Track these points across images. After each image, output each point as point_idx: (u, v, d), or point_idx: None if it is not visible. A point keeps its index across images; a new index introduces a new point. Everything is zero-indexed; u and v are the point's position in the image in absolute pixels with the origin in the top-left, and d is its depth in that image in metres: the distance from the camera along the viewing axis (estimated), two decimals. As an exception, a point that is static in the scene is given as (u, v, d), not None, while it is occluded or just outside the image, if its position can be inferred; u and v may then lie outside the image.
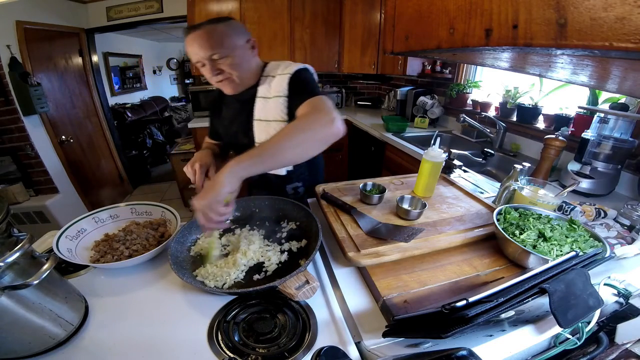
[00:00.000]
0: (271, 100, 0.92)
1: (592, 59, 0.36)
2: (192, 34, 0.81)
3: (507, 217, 0.76)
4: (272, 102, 0.91)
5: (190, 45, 0.82)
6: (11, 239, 0.52)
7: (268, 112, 0.92)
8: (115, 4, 2.82)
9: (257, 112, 0.94)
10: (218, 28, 0.82)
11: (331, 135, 0.71)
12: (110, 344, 0.54)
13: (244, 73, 0.90)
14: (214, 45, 0.81)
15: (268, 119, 0.92)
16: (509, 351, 0.50)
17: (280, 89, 0.90)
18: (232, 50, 0.84)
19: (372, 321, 0.57)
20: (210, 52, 0.81)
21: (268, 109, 0.92)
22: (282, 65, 0.94)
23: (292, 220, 0.88)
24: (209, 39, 0.80)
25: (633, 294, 0.60)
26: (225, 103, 1.05)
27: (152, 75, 5.27)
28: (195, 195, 0.64)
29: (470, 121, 1.85)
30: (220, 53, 0.82)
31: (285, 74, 0.90)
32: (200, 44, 0.80)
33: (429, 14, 0.52)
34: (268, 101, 0.92)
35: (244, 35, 0.88)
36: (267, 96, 0.93)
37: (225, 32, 0.83)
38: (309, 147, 0.70)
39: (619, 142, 1.13)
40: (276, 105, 0.90)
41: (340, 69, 3.00)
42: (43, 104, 2.29)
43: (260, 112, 0.94)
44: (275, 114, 0.91)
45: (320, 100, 0.79)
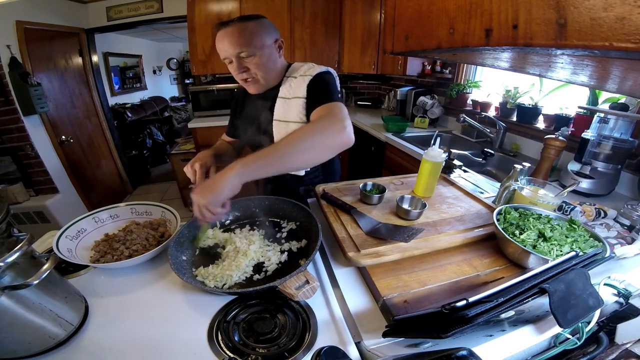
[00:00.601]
0: (291, 101, 0.92)
1: (592, 59, 0.36)
2: (222, 30, 0.81)
3: (507, 217, 0.76)
4: (291, 103, 0.92)
5: (220, 42, 0.82)
6: (11, 239, 0.52)
7: (287, 113, 0.93)
8: (115, 4, 2.82)
9: (277, 112, 0.95)
10: (249, 26, 0.82)
11: (340, 144, 0.71)
12: (110, 344, 0.54)
13: (269, 73, 0.91)
14: (243, 42, 0.81)
15: (287, 119, 0.93)
16: (509, 351, 0.50)
17: (300, 91, 0.90)
18: (260, 49, 0.84)
19: (372, 321, 0.57)
20: (239, 50, 0.82)
21: (287, 110, 0.93)
22: (305, 66, 0.94)
23: (292, 220, 0.88)
24: (239, 36, 0.81)
25: (633, 294, 0.59)
26: (247, 101, 1.05)
27: (152, 75, 5.27)
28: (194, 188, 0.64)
29: (470, 121, 1.85)
30: (248, 51, 0.82)
31: (306, 76, 0.90)
32: (230, 40, 0.81)
33: (429, 14, 0.52)
34: (288, 102, 0.93)
35: (273, 35, 0.89)
36: (287, 97, 0.93)
37: (255, 31, 0.83)
38: (317, 153, 0.70)
39: (619, 142, 1.13)
40: (295, 107, 0.91)
41: (340, 69, 2.99)
42: (43, 104, 2.29)
43: (280, 113, 0.94)
44: (295, 115, 0.92)
45: (336, 107, 0.78)
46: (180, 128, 4.82)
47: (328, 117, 0.75)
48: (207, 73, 2.93)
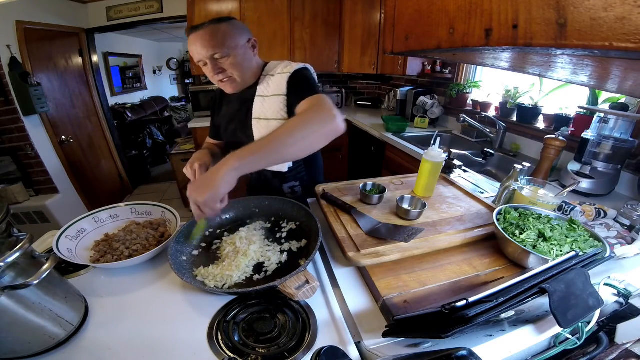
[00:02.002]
0: (270, 98, 0.93)
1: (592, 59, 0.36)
2: (194, 34, 0.82)
3: (507, 217, 0.76)
4: (270, 100, 0.92)
5: (193, 45, 0.83)
6: (11, 239, 0.52)
7: (267, 110, 0.93)
8: (115, 4, 2.82)
9: (255, 110, 0.95)
10: (221, 27, 0.83)
11: (332, 131, 0.71)
12: (110, 343, 0.54)
13: (245, 72, 0.91)
14: (216, 44, 0.82)
15: (267, 117, 0.93)
16: (509, 351, 0.50)
17: (279, 88, 0.91)
18: (234, 49, 0.85)
19: (372, 321, 0.57)
20: (212, 52, 0.82)
21: (266, 108, 0.93)
22: (282, 64, 0.95)
23: (292, 220, 0.88)
24: (211, 38, 0.81)
25: (633, 294, 0.59)
26: (225, 101, 1.06)
27: (152, 75, 5.27)
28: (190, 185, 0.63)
29: (470, 121, 1.85)
30: (221, 52, 0.83)
31: (284, 73, 0.91)
32: (203, 43, 0.81)
33: (429, 14, 0.52)
34: (266, 100, 0.93)
35: (245, 35, 0.90)
36: (266, 95, 0.94)
37: (227, 32, 0.84)
38: (310, 142, 0.70)
39: (619, 142, 1.13)
40: (275, 104, 0.91)
41: (340, 69, 3.00)
42: (43, 104, 2.29)
43: (259, 111, 0.94)
44: (275, 112, 0.92)
45: (321, 98, 0.79)
46: (180, 128, 4.82)
47: (317, 107, 0.76)
48: (207, 73, 2.93)
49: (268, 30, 2.68)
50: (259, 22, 2.64)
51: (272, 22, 2.67)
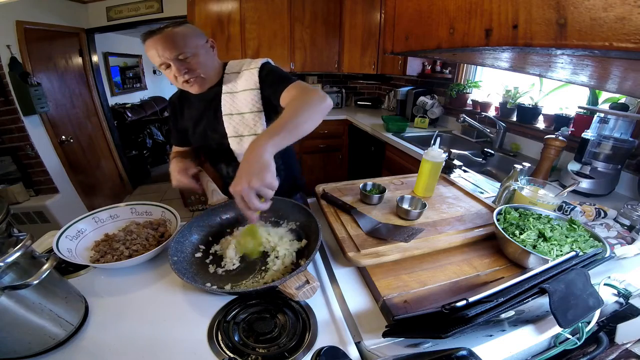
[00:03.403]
0: (240, 94, 0.95)
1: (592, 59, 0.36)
2: (153, 38, 0.82)
3: (507, 217, 0.76)
4: (241, 95, 0.95)
5: (152, 48, 0.82)
6: (11, 239, 0.52)
7: (239, 105, 0.95)
8: (115, 4, 2.82)
9: (225, 107, 0.96)
10: (179, 30, 0.84)
11: (327, 107, 0.78)
12: (110, 344, 0.54)
13: (210, 71, 0.93)
14: (179, 45, 0.83)
15: (241, 111, 0.95)
16: (509, 351, 0.50)
17: (249, 83, 0.94)
18: (197, 49, 0.86)
19: (372, 321, 0.57)
20: (177, 52, 0.83)
21: (238, 103, 0.95)
22: (244, 62, 0.98)
23: (292, 220, 0.88)
24: (172, 40, 0.82)
25: (633, 294, 0.60)
26: (187, 105, 1.05)
27: (152, 75, 5.26)
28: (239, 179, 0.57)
29: (470, 121, 1.85)
30: (186, 52, 0.84)
31: (252, 69, 0.94)
32: (165, 45, 0.81)
33: (429, 14, 0.52)
34: (236, 95, 0.95)
35: (203, 36, 0.91)
36: (234, 91, 0.96)
37: (187, 34, 0.85)
38: (314, 120, 0.75)
39: (619, 142, 1.13)
40: (248, 98, 0.94)
41: (340, 69, 3.00)
42: (43, 104, 2.29)
43: (230, 107, 0.96)
44: (249, 105, 0.95)
45: (302, 84, 0.87)
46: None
47: (308, 91, 0.82)
48: (207, 73, 2.93)
49: (268, 30, 2.68)
50: (259, 22, 2.64)
51: (272, 22, 2.67)
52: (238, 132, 0.97)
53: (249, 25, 2.61)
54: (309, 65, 2.92)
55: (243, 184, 0.57)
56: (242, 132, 0.97)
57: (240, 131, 0.97)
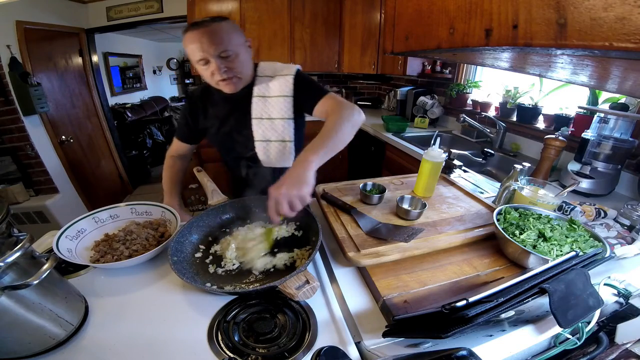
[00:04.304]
0: (272, 99, 0.94)
1: (592, 59, 0.36)
2: (198, 30, 0.80)
3: (507, 217, 0.76)
4: (273, 101, 0.94)
5: (196, 42, 0.80)
6: (11, 239, 0.51)
7: (270, 110, 0.94)
8: (115, 4, 2.82)
9: (255, 111, 0.95)
10: (224, 26, 0.82)
11: (362, 122, 0.84)
12: (110, 344, 0.54)
13: (247, 71, 0.92)
14: (224, 41, 0.81)
15: (271, 117, 0.95)
16: (509, 351, 0.50)
17: (283, 89, 0.93)
18: (239, 47, 0.85)
19: (372, 321, 0.57)
20: (221, 49, 0.81)
21: (270, 108, 0.94)
22: (275, 66, 0.98)
23: (292, 220, 0.88)
24: (219, 35, 0.80)
25: (633, 294, 0.60)
26: (212, 103, 1.02)
27: (152, 75, 5.26)
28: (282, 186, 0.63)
29: (470, 121, 1.85)
30: (229, 50, 0.82)
31: (286, 75, 0.94)
32: (210, 40, 0.79)
33: (429, 14, 0.52)
34: (268, 100, 0.94)
35: (243, 35, 0.90)
36: (266, 95, 0.94)
37: (231, 30, 0.84)
38: (351, 135, 0.80)
39: (619, 142, 1.13)
40: (280, 104, 0.94)
41: (340, 69, 3.00)
42: (43, 104, 2.29)
43: (261, 111, 0.95)
44: (280, 112, 0.94)
45: (337, 96, 0.90)
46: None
47: (344, 105, 0.85)
48: (207, 73, 2.92)
49: (268, 30, 2.68)
50: (259, 22, 2.63)
51: (272, 22, 2.67)
52: (266, 136, 0.97)
53: (249, 25, 2.61)
54: (309, 65, 2.92)
55: (282, 190, 0.62)
56: (270, 137, 0.97)
57: (268, 136, 0.97)
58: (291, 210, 0.64)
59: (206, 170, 1.07)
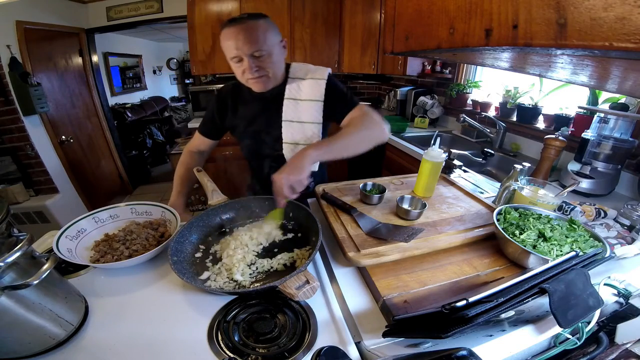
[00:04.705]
0: (304, 102, 0.94)
1: (592, 59, 0.36)
2: (235, 27, 0.79)
3: (507, 217, 0.76)
4: (305, 104, 0.94)
5: (231, 39, 0.80)
6: (11, 239, 0.51)
7: (301, 114, 0.95)
8: (115, 4, 2.82)
9: (286, 113, 0.95)
10: (261, 24, 0.82)
11: (382, 139, 0.86)
12: (110, 344, 0.54)
13: (278, 71, 0.91)
14: (259, 40, 0.81)
15: (302, 120, 0.95)
16: (509, 351, 0.50)
17: (314, 94, 0.94)
18: (273, 47, 0.85)
19: (372, 321, 0.57)
20: (255, 48, 0.81)
21: (300, 111, 0.95)
22: (307, 68, 0.97)
23: (292, 220, 0.88)
24: (253, 34, 0.80)
25: (633, 294, 0.60)
26: (243, 101, 1.02)
27: (152, 75, 5.26)
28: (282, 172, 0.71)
29: (470, 121, 1.85)
30: (263, 50, 0.82)
31: (318, 79, 0.94)
32: (246, 38, 0.79)
33: (429, 14, 0.52)
34: (300, 103, 0.94)
35: (279, 34, 0.89)
36: (298, 98, 0.94)
37: (267, 29, 0.83)
38: (365, 145, 0.83)
39: (619, 142, 1.13)
40: (311, 109, 0.94)
41: (340, 69, 2.99)
42: (43, 104, 2.29)
43: (292, 114, 0.95)
44: (311, 116, 0.95)
45: (368, 109, 0.91)
46: (180, 128, 4.82)
47: (371, 118, 0.87)
48: (207, 73, 2.93)
49: (268, 30, 2.68)
50: (259, 22, 2.63)
51: (272, 22, 2.66)
52: (294, 139, 0.97)
53: (249, 25, 2.61)
54: (309, 65, 2.92)
55: (282, 175, 0.70)
56: (299, 140, 0.97)
57: (296, 139, 0.97)
58: (292, 193, 0.72)
59: (206, 170, 1.07)
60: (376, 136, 0.85)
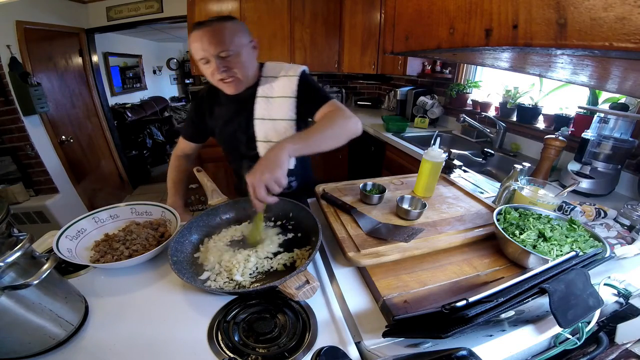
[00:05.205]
0: (275, 100, 0.94)
1: (592, 59, 0.36)
2: (200, 30, 0.81)
3: (507, 217, 0.76)
4: (277, 101, 0.94)
5: (197, 41, 0.81)
6: (11, 239, 0.51)
7: (273, 111, 0.95)
8: (115, 4, 2.82)
9: (258, 111, 0.95)
10: (227, 25, 0.83)
11: (356, 132, 0.85)
12: (110, 344, 0.54)
13: (249, 72, 0.92)
14: (224, 41, 0.82)
15: (273, 117, 0.95)
16: (509, 351, 0.50)
17: (286, 90, 0.93)
18: (240, 47, 0.85)
19: (372, 321, 0.57)
20: (220, 49, 0.82)
21: (272, 109, 0.95)
22: (281, 66, 0.97)
23: (292, 220, 0.88)
24: (218, 35, 0.81)
25: (633, 294, 0.60)
26: (218, 103, 1.03)
27: (152, 75, 5.27)
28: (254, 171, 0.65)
29: (470, 121, 1.85)
30: (229, 50, 0.83)
31: (291, 76, 0.94)
32: (210, 39, 0.80)
33: (429, 14, 0.52)
34: (271, 101, 0.95)
35: (248, 35, 0.90)
36: (270, 96, 0.95)
37: (234, 30, 0.84)
38: (340, 140, 0.81)
39: (619, 142, 1.13)
40: (283, 105, 0.94)
41: (340, 69, 2.99)
42: (43, 104, 2.29)
43: (263, 112, 0.95)
44: (282, 113, 0.94)
45: (339, 104, 0.92)
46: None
47: (343, 113, 0.87)
48: (207, 73, 2.92)
49: (268, 30, 2.68)
50: (259, 22, 2.63)
51: (272, 22, 2.66)
52: (268, 137, 0.97)
53: (248, 25, 2.56)
54: (309, 65, 2.88)
55: (256, 175, 0.64)
56: (272, 137, 0.97)
57: (270, 136, 0.97)
58: (269, 194, 0.65)
59: (206, 170, 1.07)
60: (351, 129, 0.84)
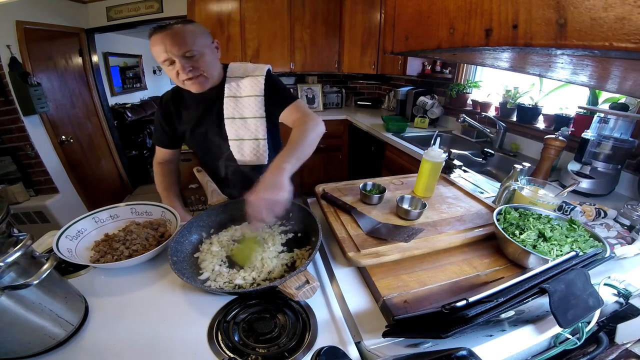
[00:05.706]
0: (244, 99, 0.96)
1: (592, 59, 0.36)
2: (162, 33, 0.82)
3: (507, 217, 0.76)
4: (245, 100, 0.96)
5: (160, 44, 0.81)
6: (11, 239, 0.51)
7: (242, 110, 0.97)
8: (115, 4, 2.82)
9: (227, 111, 0.97)
10: (188, 28, 0.84)
11: (322, 133, 0.89)
12: (110, 344, 0.54)
13: (214, 72, 0.93)
14: (188, 42, 0.83)
15: (244, 116, 0.97)
16: (509, 351, 0.50)
17: (256, 89, 0.96)
18: (204, 48, 0.87)
19: (372, 321, 0.57)
20: (185, 49, 0.82)
21: (242, 107, 0.97)
22: (246, 66, 1.00)
23: (292, 220, 0.88)
24: (182, 37, 0.82)
25: (633, 294, 0.60)
26: (185, 106, 1.02)
27: (152, 75, 5.25)
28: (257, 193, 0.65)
29: (470, 121, 1.85)
30: (193, 50, 0.84)
31: (257, 76, 0.96)
32: (173, 41, 0.81)
33: (429, 14, 0.52)
34: (240, 100, 0.97)
35: (209, 36, 0.91)
36: (238, 95, 0.96)
37: (195, 32, 0.85)
38: (315, 144, 0.84)
39: (619, 142, 1.13)
40: (252, 104, 0.96)
41: (340, 69, 3.00)
42: (43, 104, 2.29)
43: (233, 111, 0.97)
44: (253, 111, 0.97)
45: (302, 105, 0.97)
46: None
47: (309, 115, 0.91)
48: (207, 73, 2.92)
49: (268, 30, 2.68)
50: (259, 22, 2.63)
51: (272, 22, 2.67)
52: (239, 135, 0.98)
53: (249, 25, 2.61)
54: (309, 65, 2.92)
55: (260, 195, 0.64)
56: (243, 135, 0.98)
57: (241, 135, 0.98)
58: (271, 215, 0.64)
59: (205, 170, 1.07)
60: (321, 132, 0.89)
